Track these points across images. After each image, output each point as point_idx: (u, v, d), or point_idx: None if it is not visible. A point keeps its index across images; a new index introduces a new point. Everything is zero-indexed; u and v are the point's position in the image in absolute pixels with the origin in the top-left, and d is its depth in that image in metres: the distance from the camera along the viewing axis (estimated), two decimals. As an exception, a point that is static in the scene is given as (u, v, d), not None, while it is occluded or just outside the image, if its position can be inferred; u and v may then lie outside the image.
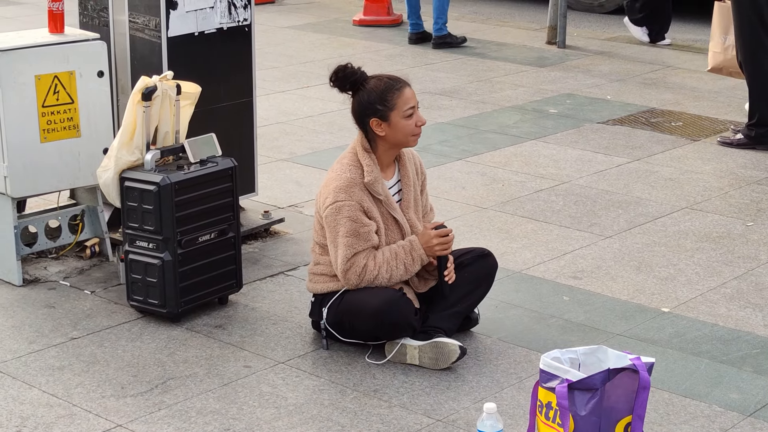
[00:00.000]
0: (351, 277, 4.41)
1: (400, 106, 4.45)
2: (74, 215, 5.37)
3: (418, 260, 4.46)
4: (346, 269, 4.39)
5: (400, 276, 4.45)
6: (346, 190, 4.42)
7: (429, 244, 4.45)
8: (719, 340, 4.69)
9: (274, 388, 4.26)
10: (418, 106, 4.51)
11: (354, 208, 4.40)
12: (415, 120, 4.48)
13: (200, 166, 4.81)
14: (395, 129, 4.47)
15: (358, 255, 4.39)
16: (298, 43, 10.58)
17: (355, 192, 4.43)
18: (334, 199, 4.42)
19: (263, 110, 7.96)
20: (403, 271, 4.45)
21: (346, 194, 4.41)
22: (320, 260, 4.58)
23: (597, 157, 7.15)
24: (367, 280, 4.40)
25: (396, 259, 4.43)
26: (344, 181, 4.44)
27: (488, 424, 3.64)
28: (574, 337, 4.69)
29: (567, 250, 5.64)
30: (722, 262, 5.51)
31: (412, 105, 4.47)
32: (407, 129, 4.47)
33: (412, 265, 4.45)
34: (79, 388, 4.25)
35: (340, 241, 4.39)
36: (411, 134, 4.48)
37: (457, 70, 9.52)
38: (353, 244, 4.38)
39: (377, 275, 4.40)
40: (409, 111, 4.46)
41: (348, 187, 4.43)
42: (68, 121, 5.15)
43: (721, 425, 4.04)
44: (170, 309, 4.74)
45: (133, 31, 5.34)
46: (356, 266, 4.38)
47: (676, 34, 11.14)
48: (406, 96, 4.47)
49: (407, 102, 4.46)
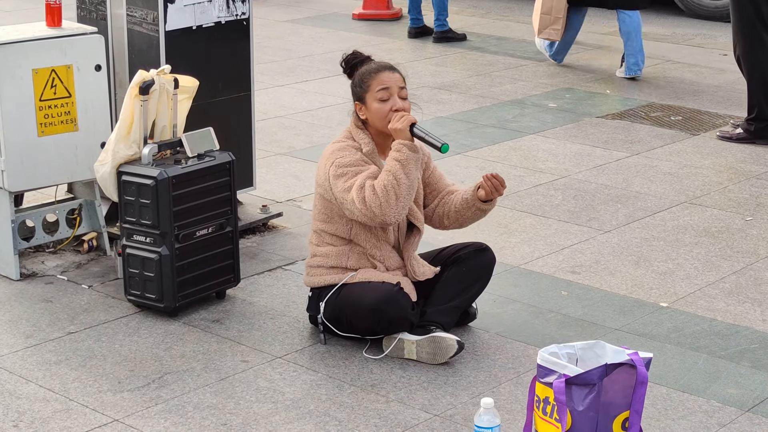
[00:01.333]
0: (370, 201, 4.31)
1: (373, 88, 4.47)
2: (72, 209, 5.36)
3: (402, 149, 4.36)
4: (362, 198, 4.32)
5: (404, 172, 4.33)
6: (344, 149, 4.46)
7: (390, 126, 4.40)
8: (717, 335, 4.69)
9: (271, 382, 4.25)
10: (400, 93, 4.47)
11: (355, 156, 4.43)
12: (391, 105, 4.46)
13: (198, 160, 4.80)
14: (371, 112, 4.48)
15: (365, 182, 4.35)
16: (297, 36, 10.56)
17: (353, 151, 4.46)
18: (334, 158, 4.44)
19: (262, 104, 7.95)
20: (399, 166, 4.34)
21: (345, 151, 4.45)
22: (317, 251, 4.57)
23: (596, 151, 7.14)
24: (384, 194, 4.30)
25: (389, 162, 4.38)
26: (341, 146, 4.49)
27: (485, 419, 3.63)
28: (572, 332, 4.69)
29: (565, 245, 5.63)
30: (721, 256, 5.50)
31: (384, 86, 4.45)
32: (381, 112, 4.46)
33: (401, 155, 4.35)
34: (76, 382, 4.24)
35: (350, 183, 4.37)
36: (384, 119, 4.45)
37: (457, 65, 9.51)
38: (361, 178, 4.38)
39: (385, 184, 4.31)
40: (381, 93, 4.45)
41: (346, 147, 4.47)
42: (66, 115, 5.13)
43: (719, 420, 4.03)
44: (167, 303, 4.73)
45: (130, 24, 5.33)
46: (367, 188, 4.33)
47: (676, 28, 11.13)
48: (380, 78, 4.47)
49: (380, 83, 4.46)
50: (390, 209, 4.33)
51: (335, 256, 4.54)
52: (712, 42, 10.46)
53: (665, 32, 10.92)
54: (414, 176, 4.39)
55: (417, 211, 4.61)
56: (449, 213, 4.66)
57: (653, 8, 11.58)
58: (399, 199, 4.34)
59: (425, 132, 4.42)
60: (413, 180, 4.38)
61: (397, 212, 4.36)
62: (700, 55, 9.84)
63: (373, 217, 4.35)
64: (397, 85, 4.49)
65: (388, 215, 4.34)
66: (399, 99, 4.47)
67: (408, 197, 4.38)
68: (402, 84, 4.51)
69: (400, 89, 4.49)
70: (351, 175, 4.39)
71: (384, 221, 4.37)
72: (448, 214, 4.67)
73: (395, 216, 4.36)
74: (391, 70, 4.52)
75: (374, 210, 4.33)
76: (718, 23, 11.26)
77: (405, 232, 4.62)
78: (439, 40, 10.32)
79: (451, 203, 4.66)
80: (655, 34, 10.77)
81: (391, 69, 4.53)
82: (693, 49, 10.11)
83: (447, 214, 4.68)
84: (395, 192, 4.33)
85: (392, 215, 4.35)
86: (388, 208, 4.32)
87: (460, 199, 4.63)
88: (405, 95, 4.51)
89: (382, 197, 4.32)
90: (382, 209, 4.32)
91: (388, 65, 4.55)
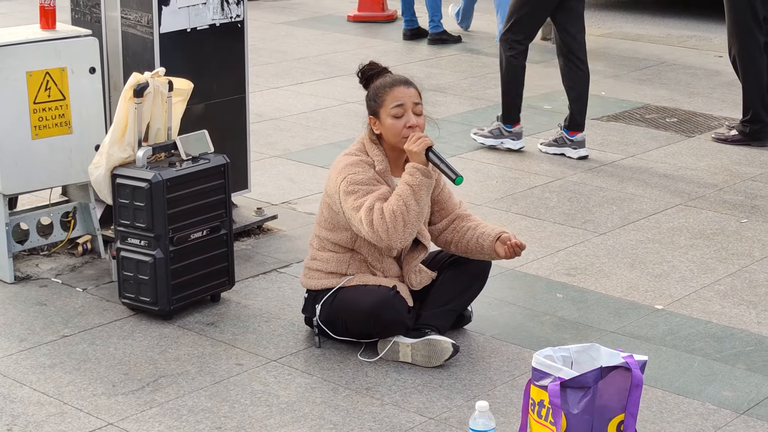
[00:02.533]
0: (377, 225, 4.27)
1: (387, 104, 4.42)
2: (66, 212, 5.35)
3: (416, 173, 4.32)
4: (370, 220, 4.29)
5: (414, 199, 4.28)
6: (358, 165, 4.41)
7: (406, 146, 4.35)
8: (713, 338, 4.68)
9: (266, 386, 4.24)
10: (415, 109, 4.42)
11: (368, 174, 4.38)
12: (405, 121, 4.42)
13: (192, 162, 4.79)
14: (385, 128, 4.44)
15: (374, 203, 4.31)
16: (292, 39, 10.56)
17: (367, 168, 4.42)
18: (347, 173, 4.39)
19: (257, 106, 7.95)
20: (410, 191, 4.29)
21: (359, 167, 4.40)
22: (317, 255, 4.56)
23: (591, 153, 7.13)
24: (392, 220, 4.25)
25: (401, 186, 4.34)
26: (355, 160, 4.43)
27: (480, 422, 3.62)
28: (567, 335, 4.68)
29: (561, 247, 5.62)
30: (716, 259, 5.50)
31: (399, 103, 4.40)
32: (394, 129, 4.41)
33: (414, 180, 4.30)
34: (70, 386, 4.23)
35: (359, 203, 4.33)
36: (398, 135, 4.42)
37: (452, 67, 9.51)
38: (371, 199, 4.34)
39: (394, 209, 4.26)
40: (395, 110, 4.40)
41: (360, 163, 4.42)
42: (60, 117, 5.13)
43: (715, 423, 4.03)
44: (162, 306, 4.72)
45: (125, 27, 5.32)
46: (375, 211, 4.29)
47: (671, 29, 11.13)
48: (395, 93, 4.42)
49: (395, 99, 4.41)
50: (397, 235, 4.30)
51: (335, 263, 4.53)
52: (707, 44, 10.46)
53: (660, 34, 10.93)
54: (424, 203, 4.35)
55: (424, 229, 4.56)
56: (459, 245, 4.60)
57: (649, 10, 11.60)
58: (407, 225, 4.31)
59: (441, 159, 4.36)
60: (423, 207, 4.35)
61: (404, 238, 4.33)
62: (695, 57, 9.85)
63: (379, 241, 4.32)
64: (411, 101, 4.43)
65: (395, 241, 4.31)
66: (413, 115, 4.42)
67: (416, 224, 4.34)
68: (417, 99, 4.44)
69: (414, 105, 4.43)
70: (362, 194, 4.35)
71: (390, 246, 4.35)
72: (458, 245, 4.60)
73: (401, 242, 4.34)
74: (407, 85, 4.46)
75: (381, 235, 4.29)
76: (713, 25, 11.27)
77: (409, 248, 4.59)
78: (433, 41, 10.32)
79: (464, 238, 4.58)
80: (650, 36, 10.79)
81: (407, 84, 4.46)
82: (688, 51, 10.12)
83: (456, 245, 4.61)
84: (404, 219, 4.29)
85: (398, 241, 4.33)
86: (395, 233, 4.29)
87: (475, 243, 4.55)
88: (420, 111, 4.44)
89: (390, 223, 4.28)
90: (389, 234, 4.29)
91: (403, 79, 4.48)
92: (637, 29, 11.16)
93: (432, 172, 4.37)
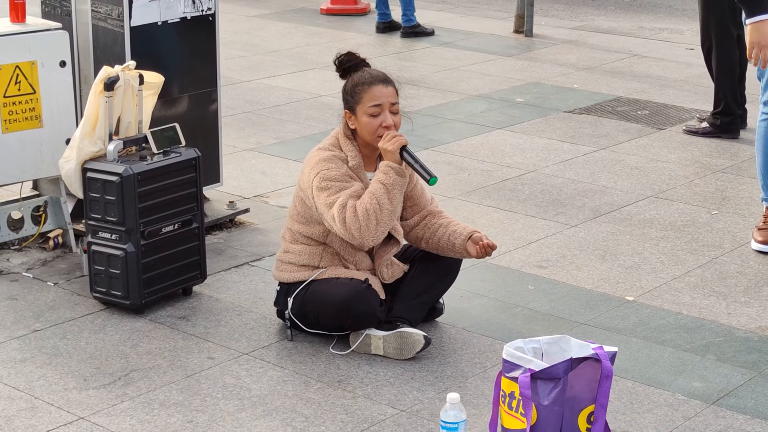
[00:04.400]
0: (350, 223, 4.29)
1: (364, 102, 4.42)
2: (37, 206, 5.33)
3: (389, 172, 4.33)
4: (343, 218, 4.30)
5: (388, 198, 4.30)
6: (331, 160, 4.41)
7: (381, 144, 4.37)
8: (683, 329, 4.71)
9: (237, 379, 4.24)
10: (392, 108, 4.42)
11: (341, 170, 4.39)
12: (381, 120, 4.42)
13: (163, 156, 4.78)
14: (361, 125, 4.44)
15: (347, 201, 4.32)
16: (264, 32, 10.53)
17: (340, 164, 4.41)
18: (320, 168, 4.39)
19: (229, 99, 7.94)
20: (384, 190, 4.31)
21: (332, 163, 4.40)
22: (290, 248, 4.56)
23: (563, 146, 7.16)
24: (365, 218, 4.27)
25: (374, 184, 4.35)
26: (328, 156, 4.43)
27: (452, 414, 3.64)
28: (539, 326, 4.70)
29: (532, 239, 5.64)
30: (687, 250, 5.53)
31: (376, 103, 4.40)
32: (370, 127, 4.42)
33: (388, 179, 4.32)
34: (41, 380, 4.22)
35: (332, 199, 4.33)
36: (373, 134, 4.42)
37: (424, 59, 9.51)
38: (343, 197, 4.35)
39: (367, 207, 4.28)
40: (372, 109, 4.40)
41: (333, 159, 4.42)
42: (30, 111, 5.11)
43: (684, 413, 4.05)
44: (133, 300, 4.71)
45: (95, 20, 5.30)
46: (348, 209, 4.30)
47: (643, 22, 11.17)
48: (373, 92, 4.41)
49: (373, 99, 4.41)
50: (369, 233, 4.31)
51: (308, 255, 4.53)
52: (679, 36, 10.50)
53: (632, 27, 10.96)
54: (397, 201, 4.36)
55: (397, 224, 4.57)
56: (429, 242, 4.60)
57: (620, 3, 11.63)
58: (380, 224, 4.32)
59: (415, 159, 4.38)
60: (396, 206, 4.36)
61: (376, 237, 4.34)
62: (666, 50, 9.88)
63: (351, 238, 4.33)
64: (389, 101, 4.43)
65: (367, 239, 4.33)
66: (390, 114, 4.43)
67: (389, 223, 4.36)
68: (394, 99, 4.45)
69: (391, 104, 4.43)
70: (334, 191, 4.35)
71: (362, 244, 4.36)
72: (429, 241, 4.60)
73: (374, 240, 4.35)
74: (385, 84, 4.45)
75: (353, 233, 4.31)
76: (684, 18, 11.31)
77: (382, 242, 4.59)
78: (407, 35, 10.32)
79: (435, 235, 4.58)
80: (622, 29, 10.82)
81: (385, 82, 4.45)
82: (660, 44, 10.15)
83: (427, 242, 4.61)
84: (376, 217, 4.31)
85: (371, 239, 4.34)
86: (367, 232, 4.31)
87: (446, 241, 4.55)
88: (397, 110, 4.46)
89: (363, 221, 4.30)
90: (361, 233, 4.30)
91: (381, 77, 4.47)
92: (609, 22, 11.20)
93: (406, 172, 4.38)
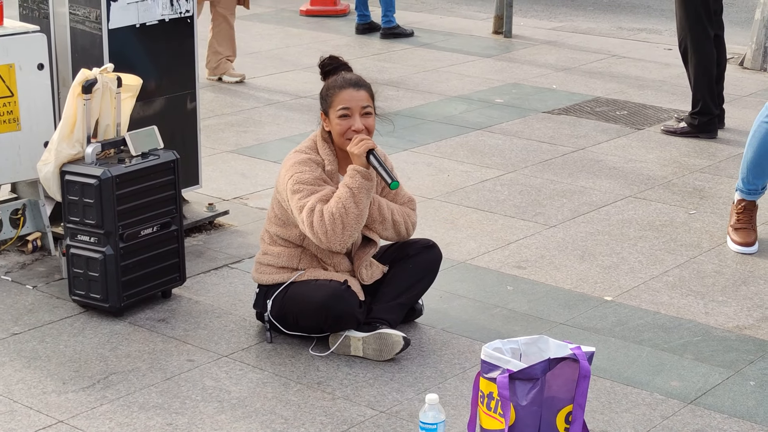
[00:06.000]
0: (317, 228, 4.31)
1: (334, 105, 4.45)
2: (15, 209, 5.32)
3: (356, 175, 4.35)
4: (311, 222, 4.32)
5: (354, 201, 4.32)
6: (306, 163, 4.44)
7: (349, 148, 4.39)
8: (661, 328, 4.73)
9: (217, 381, 4.24)
10: (363, 111, 4.44)
11: (314, 174, 4.41)
12: (349, 124, 4.44)
13: (142, 159, 4.77)
14: (332, 127, 4.47)
15: (315, 204, 4.34)
16: (244, 33, 10.51)
17: (314, 168, 4.44)
18: (294, 171, 4.42)
19: (208, 101, 7.93)
20: (349, 194, 4.32)
21: (307, 166, 4.43)
22: (268, 250, 4.57)
23: (542, 146, 7.18)
24: (331, 222, 4.29)
25: (341, 189, 4.37)
26: (304, 159, 4.46)
27: (430, 415, 3.65)
28: (518, 327, 4.71)
29: (511, 240, 5.66)
30: (665, 250, 5.55)
31: (344, 106, 4.42)
32: (339, 129, 4.45)
33: (354, 183, 4.34)
34: (20, 384, 4.21)
35: (302, 203, 4.36)
36: (342, 136, 4.45)
37: (404, 61, 9.52)
38: (312, 201, 4.37)
39: (333, 211, 4.30)
40: (341, 111, 4.43)
41: (308, 162, 4.45)
42: (8, 114, 5.09)
43: (662, 413, 4.07)
44: (112, 303, 4.71)
45: (73, 23, 5.29)
46: (316, 213, 4.32)
47: (622, 23, 11.20)
48: (342, 96, 4.44)
49: (341, 102, 4.44)
50: (336, 237, 4.33)
51: (286, 257, 4.53)
52: (657, 37, 10.54)
53: (611, 27, 11.00)
54: (364, 205, 4.37)
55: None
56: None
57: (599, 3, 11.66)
58: (346, 228, 4.34)
59: (380, 163, 4.40)
60: (362, 209, 4.37)
61: (342, 241, 4.36)
62: (645, 50, 9.92)
63: (319, 242, 4.37)
64: (359, 105, 4.44)
65: (334, 243, 4.35)
66: (360, 117, 4.44)
67: (355, 227, 4.37)
68: (365, 103, 4.45)
69: (362, 108, 4.44)
70: (306, 194, 4.37)
71: (330, 248, 4.38)
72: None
73: (341, 244, 4.37)
74: (356, 88, 4.46)
75: (320, 237, 4.34)
76: (662, 18, 11.36)
77: (359, 244, 4.61)
78: (386, 36, 10.34)
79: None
80: (600, 30, 10.85)
81: (357, 86, 4.47)
82: (638, 44, 10.19)
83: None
84: (342, 221, 4.32)
85: (338, 244, 4.36)
86: (333, 236, 4.33)
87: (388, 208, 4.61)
88: (369, 112, 4.47)
89: (329, 225, 4.32)
90: (327, 237, 4.33)
91: (353, 81, 4.48)
92: (588, 23, 11.23)
93: (372, 175, 4.40)
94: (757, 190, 5.64)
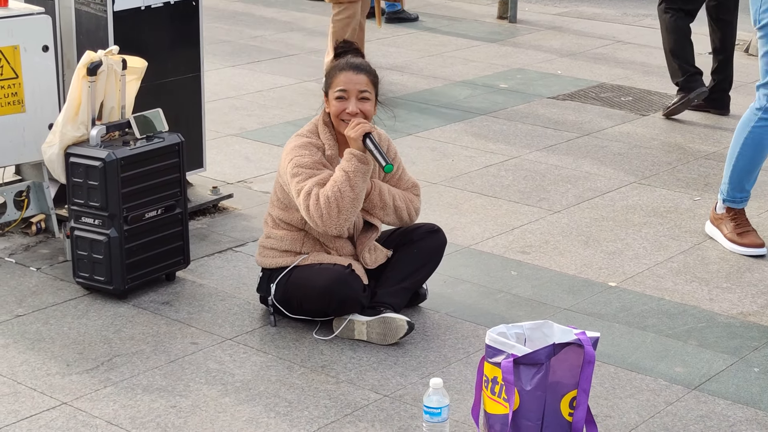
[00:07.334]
0: (313, 211, 4.32)
1: (333, 86, 4.47)
2: (20, 191, 5.31)
3: (352, 159, 4.35)
4: (307, 205, 4.33)
5: (349, 185, 4.31)
6: (306, 147, 4.45)
7: (345, 131, 4.39)
8: (665, 314, 4.73)
9: (221, 364, 4.24)
10: (360, 95, 4.44)
11: (314, 158, 4.42)
12: (344, 106, 4.44)
13: (146, 141, 4.77)
14: (330, 107, 4.49)
15: (312, 188, 4.34)
16: (248, 17, 10.51)
17: (314, 151, 4.44)
18: (294, 154, 4.42)
19: (213, 85, 7.92)
20: (345, 177, 4.32)
21: (306, 150, 4.44)
22: (272, 234, 4.57)
23: (546, 132, 7.17)
24: (326, 206, 4.29)
25: (337, 172, 4.37)
26: (304, 142, 4.47)
27: (434, 399, 3.65)
28: (522, 312, 4.71)
29: (516, 225, 5.65)
30: (669, 236, 5.55)
31: (341, 88, 4.43)
32: (334, 110, 4.46)
33: (350, 166, 4.34)
34: (24, 365, 4.21)
35: (300, 186, 4.36)
36: (337, 117, 4.46)
37: (408, 45, 9.51)
38: (309, 184, 4.37)
39: (329, 195, 4.30)
40: (338, 93, 4.44)
41: (308, 146, 4.45)
42: (12, 96, 5.09)
43: (666, 398, 4.07)
44: (116, 286, 4.70)
45: (78, 5, 5.28)
46: (312, 196, 4.33)
47: (627, 8, 11.18)
48: (341, 78, 4.46)
49: (339, 84, 4.45)
50: (331, 221, 4.33)
51: (290, 241, 4.53)
52: (663, 23, 10.50)
53: (616, 13, 10.97)
54: (360, 189, 4.37)
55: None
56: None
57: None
58: (341, 212, 4.33)
59: (375, 146, 4.38)
60: (358, 193, 4.36)
61: (338, 224, 4.36)
62: (650, 36, 9.89)
63: (315, 226, 4.38)
64: (356, 88, 4.44)
65: (329, 227, 4.35)
66: (357, 101, 4.44)
67: (351, 210, 4.36)
68: (364, 87, 4.45)
69: (359, 92, 4.44)
70: (304, 178, 4.37)
71: (326, 231, 4.38)
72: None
73: (336, 228, 4.37)
74: (356, 71, 4.47)
75: (316, 220, 4.34)
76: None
77: (361, 229, 4.61)
78: (391, 20, 10.31)
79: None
80: (605, 15, 10.83)
81: (357, 69, 4.47)
82: (643, 30, 10.16)
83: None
84: (338, 205, 4.32)
85: (333, 227, 4.36)
86: (329, 219, 4.33)
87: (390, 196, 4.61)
88: (367, 97, 4.46)
89: (324, 209, 4.32)
90: (323, 220, 4.33)
91: (355, 65, 4.48)
92: (593, 8, 11.21)
93: (369, 159, 4.39)
94: (747, 196, 5.45)
